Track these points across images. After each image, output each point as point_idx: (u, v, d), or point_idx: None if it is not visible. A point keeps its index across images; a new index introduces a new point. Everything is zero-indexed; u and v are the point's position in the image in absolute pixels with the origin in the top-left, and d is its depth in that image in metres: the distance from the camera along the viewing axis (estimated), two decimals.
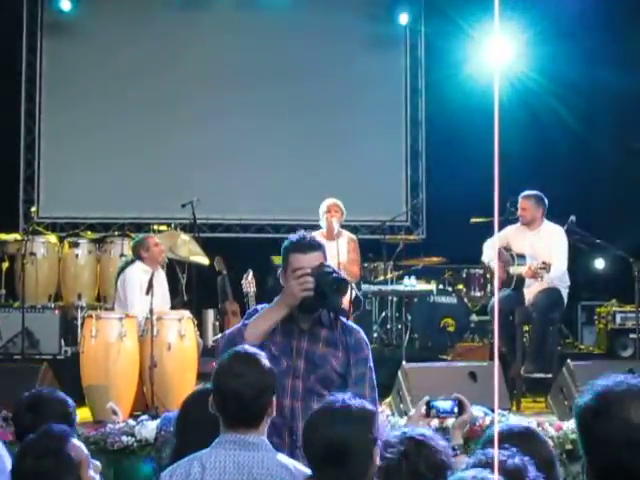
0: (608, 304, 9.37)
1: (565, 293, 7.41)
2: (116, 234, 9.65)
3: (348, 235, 8.35)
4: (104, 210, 10.58)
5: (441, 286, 9.40)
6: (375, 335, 9.08)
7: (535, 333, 7.38)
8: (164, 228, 9.29)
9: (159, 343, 6.76)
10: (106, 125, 10.64)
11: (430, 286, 9.12)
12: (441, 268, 9.70)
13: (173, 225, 9.42)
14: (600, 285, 10.02)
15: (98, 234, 9.86)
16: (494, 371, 5.95)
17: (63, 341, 8.36)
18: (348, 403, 2.65)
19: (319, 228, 8.07)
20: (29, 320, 8.12)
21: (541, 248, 7.33)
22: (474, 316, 9.31)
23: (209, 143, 10.71)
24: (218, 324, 8.68)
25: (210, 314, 8.75)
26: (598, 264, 9.86)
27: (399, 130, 11.21)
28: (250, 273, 7.35)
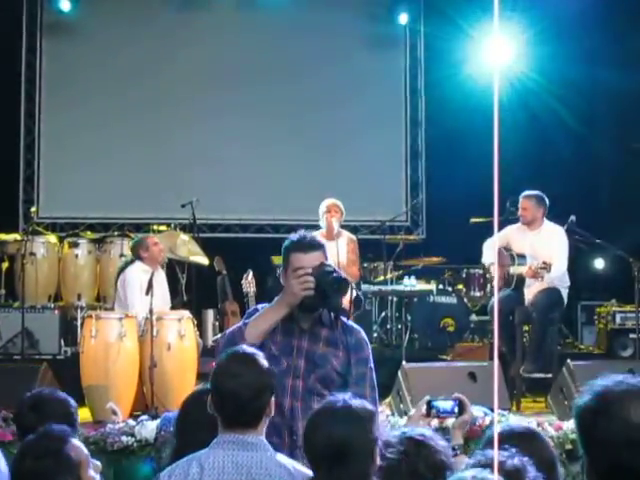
0: (608, 304, 9.37)
1: (565, 293, 7.42)
2: (116, 234, 9.66)
3: (348, 235, 8.34)
4: (104, 210, 10.58)
5: (441, 286, 9.40)
6: (375, 335, 9.08)
7: (535, 333, 7.38)
8: (164, 228, 9.28)
9: (159, 343, 6.76)
10: (106, 125, 10.63)
11: (430, 286, 9.14)
12: (441, 268, 9.70)
13: (173, 225, 9.42)
14: (600, 285, 10.02)
15: (98, 234, 9.87)
16: (494, 371, 5.94)
17: (63, 341, 8.36)
18: (349, 403, 2.65)
19: (319, 228, 8.05)
20: (29, 320, 8.11)
21: (541, 248, 7.33)
22: (474, 316, 9.31)
23: (209, 143, 10.70)
24: (218, 324, 8.68)
25: (210, 314, 8.75)
26: (598, 264, 9.86)
27: (399, 130, 11.20)
28: (250, 273, 7.35)
